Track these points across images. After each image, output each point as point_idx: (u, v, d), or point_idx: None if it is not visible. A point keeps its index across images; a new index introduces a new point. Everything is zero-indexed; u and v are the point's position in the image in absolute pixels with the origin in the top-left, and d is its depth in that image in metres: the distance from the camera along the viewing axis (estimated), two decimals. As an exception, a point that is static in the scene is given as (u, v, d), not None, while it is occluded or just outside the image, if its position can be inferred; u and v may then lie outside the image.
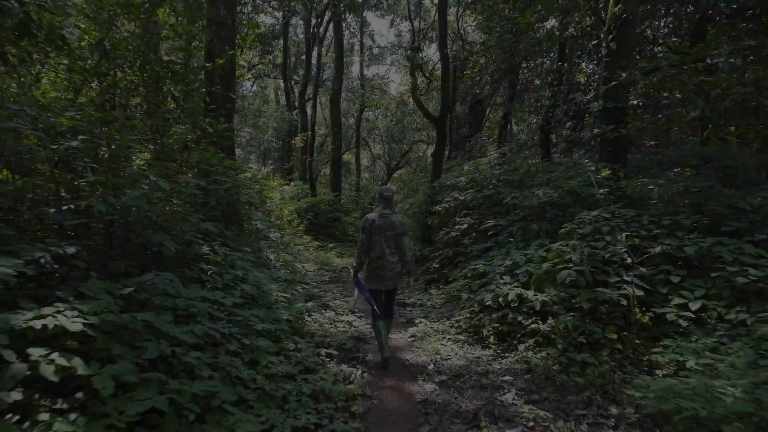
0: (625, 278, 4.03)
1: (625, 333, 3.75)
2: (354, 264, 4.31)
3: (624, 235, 4.00)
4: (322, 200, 16.37)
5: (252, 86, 33.52)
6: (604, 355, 3.67)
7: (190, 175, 4.81)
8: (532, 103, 16.93)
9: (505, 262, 5.11)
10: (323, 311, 5.75)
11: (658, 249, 3.86)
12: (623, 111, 6.07)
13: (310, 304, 5.37)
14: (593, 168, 4.90)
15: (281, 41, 23.42)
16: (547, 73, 12.23)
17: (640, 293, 3.84)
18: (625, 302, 3.82)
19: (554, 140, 13.57)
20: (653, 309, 3.86)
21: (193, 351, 2.67)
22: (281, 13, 21.43)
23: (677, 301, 3.79)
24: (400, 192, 12.82)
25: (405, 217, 4.38)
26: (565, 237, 4.90)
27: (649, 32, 10.39)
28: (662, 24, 10.88)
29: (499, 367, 3.99)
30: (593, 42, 11.51)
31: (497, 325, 4.52)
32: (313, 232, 15.07)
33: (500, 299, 4.47)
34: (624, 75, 5.34)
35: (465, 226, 6.63)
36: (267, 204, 6.62)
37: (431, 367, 4.05)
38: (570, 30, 11.33)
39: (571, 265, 4.19)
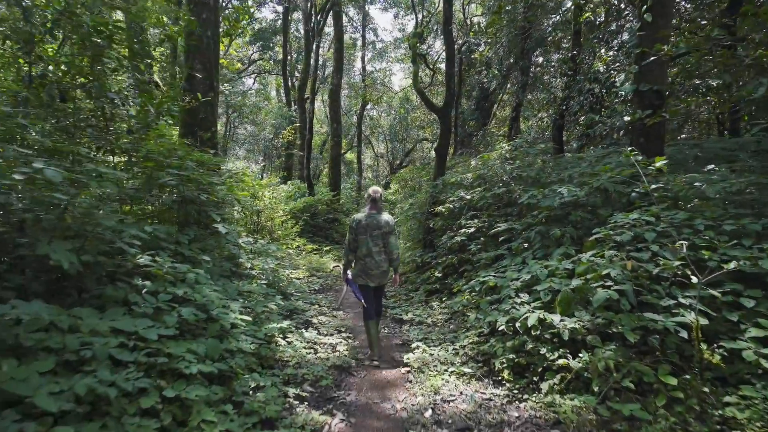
0: (681, 300, 3.11)
1: (687, 376, 2.82)
2: (343, 263, 4.55)
3: (683, 244, 3.07)
4: (320, 200, 15.49)
5: (253, 83, 32.87)
6: (660, 407, 2.75)
7: (128, 168, 3.93)
8: (543, 96, 16.01)
9: (521, 274, 4.19)
10: (304, 330, 4.86)
11: (732, 265, 2.92)
12: (660, 94, 5.13)
13: (286, 323, 4.49)
14: (639, 157, 3.96)
15: (281, 37, 22.72)
16: (563, 61, 11.27)
17: (705, 321, 2.91)
18: (684, 333, 2.89)
19: (566, 138, 12.61)
20: (721, 343, 2.94)
21: (62, 424, 1.78)
22: (282, 7, 20.65)
23: (754, 332, 2.86)
24: (401, 191, 11.91)
25: (391, 216, 4.53)
26: (593, 246, 3.98)
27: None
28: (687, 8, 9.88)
29: (516, 415, 3.07)
30: (612, 27, 10.58)
31: (513, 355, 3.61)
32: (309, 233, 14.21)
33: (517, 324, 3.55)
34: (666, 48, 4.39)
35: (472, 229, 5.71)
36: (243, 203, 5.75)
37: (429, 414, 3.13)
38: (587, 14, 10.40)
39: (609, 282, 3.27)
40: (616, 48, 9.64)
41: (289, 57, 25.34)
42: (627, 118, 5.27)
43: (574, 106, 10.09)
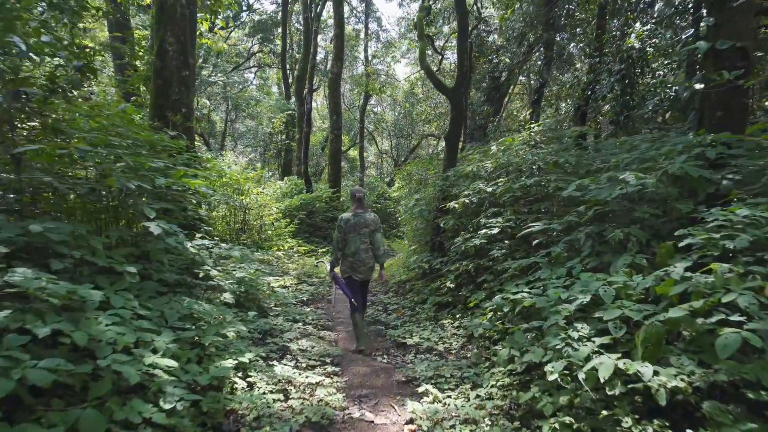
0: None
1: None
2: (331, 260, 4.66)
3: None
4: (318, 197, 14.33)
5: (254, 78, 31.82)
6: None
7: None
8: (558, 88, 14.76)
9: (572, 293, 2.99)
10: (276, 363, 3.69)
11: None
12: (745, 52, 3.92)
13: (250, 355, 3.32)
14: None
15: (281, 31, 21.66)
16: (590, 41, 10.04)
17: None
18: None
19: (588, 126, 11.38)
20: None
21: None
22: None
23: None
24: (405, 187, 10.73)
25: (376, 215, 4.68)
26: (671, 253, 2.80)
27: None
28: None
29: None
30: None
31: (570, 419, 2.41)
32: (306, 233, 13.08)
33: (581, 374, 2.35)
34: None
35: (495, 230, 4.51)
36: (207, 196, 4.59)
37: None
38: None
39: (732, 315, 2.07)
40: (653, 21, 8.39)
41: (289, 50, 24.26)
42: (699, 86, 4.05)
43: (603, 90, 8.86)
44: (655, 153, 3.84)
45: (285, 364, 3.68)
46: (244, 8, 26.05)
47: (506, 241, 4.58)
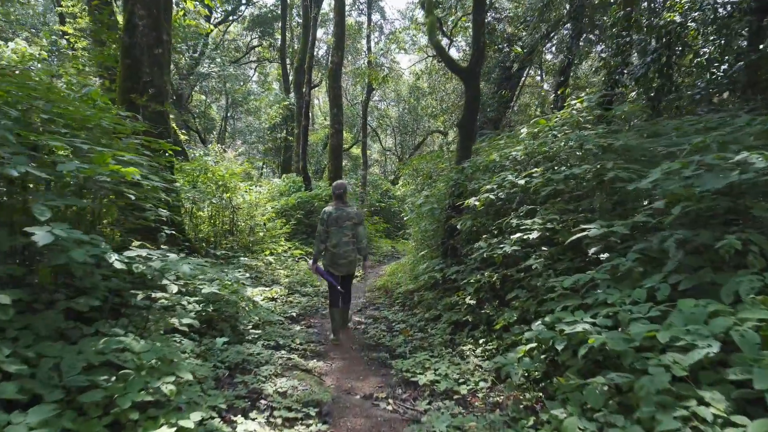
0: None
1: None
2: (314, 253, 4.67)
3: None
4: (318, 195, 13.30)
5: (254, 74, 30.91)
6: None
7: None
8: (580, 75, 13.76)
9: (674, 333, 1.96)
10: (241, 418, 2.68)
11: None
12: None
13: (198, 415, 2.32)
14: None
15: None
16: (616, 21, 8.97)
17: None
18: None
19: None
20: None
21: None
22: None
23: None
24: (412, 183, 9.71)
25: (359, 209, 4.84)
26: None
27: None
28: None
29: None
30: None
31: None
32: (304, 234, 12.08)
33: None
34: None
35: (534, 234, 3.47)
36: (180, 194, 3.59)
37: None
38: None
39: None
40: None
41: (289, 44, 23.31)
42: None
43: (636, 72, 7.80)
44: (759, 128, 2.80)
45: (253, 419, 2.68)
46: (243, 1, 25.16)
47: (544, 248, 3.55)
